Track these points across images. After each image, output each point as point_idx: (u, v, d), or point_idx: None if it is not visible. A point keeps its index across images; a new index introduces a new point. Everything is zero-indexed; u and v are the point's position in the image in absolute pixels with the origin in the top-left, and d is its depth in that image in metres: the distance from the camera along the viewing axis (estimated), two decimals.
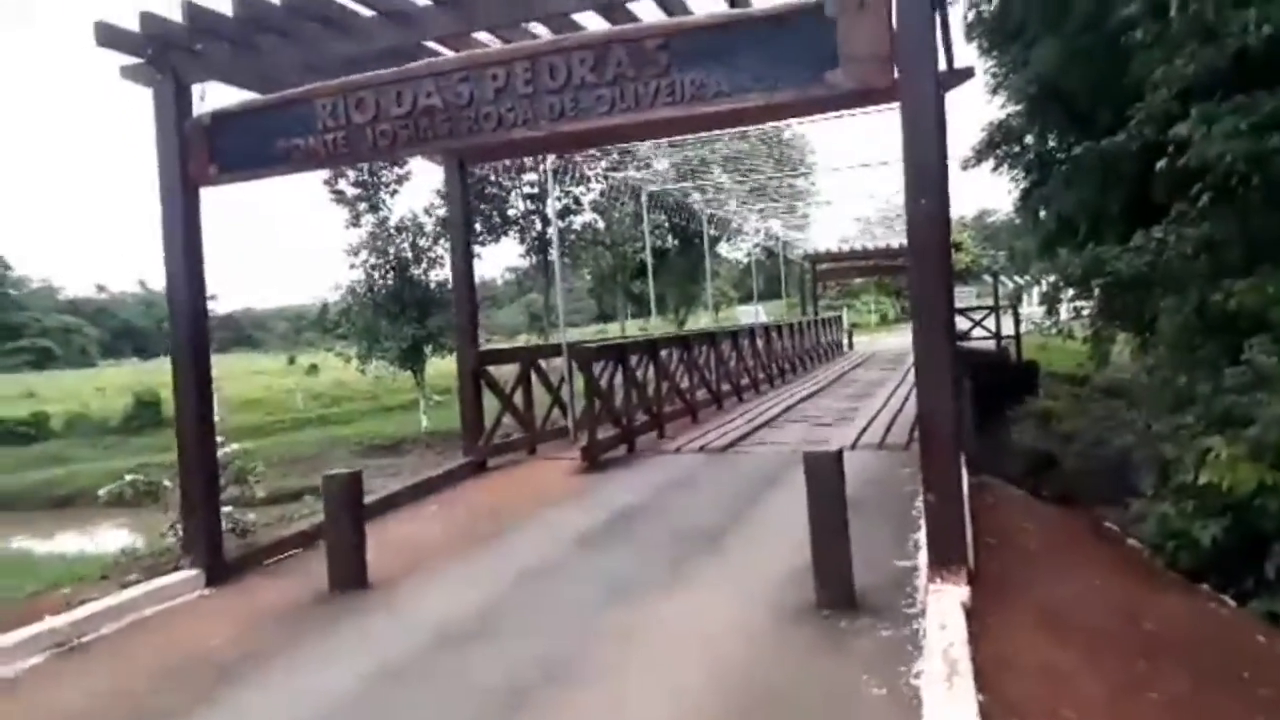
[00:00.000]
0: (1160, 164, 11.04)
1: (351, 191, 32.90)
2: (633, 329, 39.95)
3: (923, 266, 4.83)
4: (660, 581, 5.44)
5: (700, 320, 43.05)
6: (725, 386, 14.45)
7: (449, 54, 6.36)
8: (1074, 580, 5.11)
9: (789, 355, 20.27)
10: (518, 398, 10.12)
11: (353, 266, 30.98)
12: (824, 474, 4.64)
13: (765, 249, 42.22)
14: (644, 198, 19.24)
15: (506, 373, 10.40)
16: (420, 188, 45.11)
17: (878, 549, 5.55)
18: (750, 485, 7.81)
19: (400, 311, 30.45)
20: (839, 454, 4.75)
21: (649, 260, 19.38)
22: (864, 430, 10.27)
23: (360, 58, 6.26)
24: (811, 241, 36.80)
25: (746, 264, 43.99)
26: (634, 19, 5.99)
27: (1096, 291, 19.69)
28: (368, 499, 8.29)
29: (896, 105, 5.01)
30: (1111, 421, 22.13)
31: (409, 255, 30.85)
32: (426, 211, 33.60)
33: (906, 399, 13.64)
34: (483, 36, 6.72)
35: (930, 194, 4.67)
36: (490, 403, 9.69)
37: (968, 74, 7.87)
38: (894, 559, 5.45)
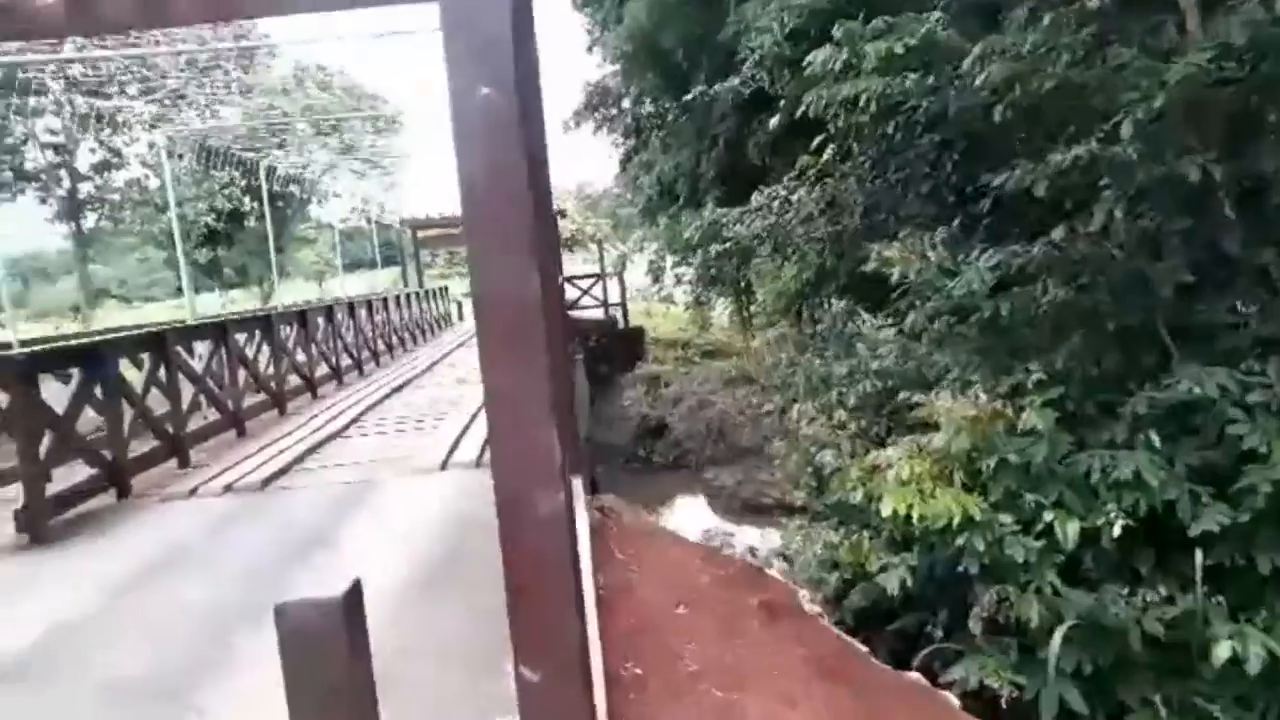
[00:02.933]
0: (775, 121, 10.01)
1: None
2: (213, 305, 34.27)
3: (488, 206, 2.48)
4: None
5: (297, 292, 38.40)
6: (295, 381, 11.53)
7: None
8: None
9: (385, 334, 17.58)
10: None
11: None
12: (312, 657, 2.25)
13: (364, 214, 38.58)
14: (161, 141, 15.28)
15: None
16: None
17: (466, 686, 3.37)
18: (283, 556, 5.23)
19: None
20: (351, 599, 2.40)
21: (176, 224, 15.46)
22: (460, 438, 8.07)
23: None
24: (413, 207, 33.97)
25: (347, 230, 39.94)
26: None
27: (698, 258, 19.36)
28: None
29: None
30: (712, 384, 22.28)
31: None
32: None
33: None
34: None
35: (500, 78, 2.41)
36: None
37: None
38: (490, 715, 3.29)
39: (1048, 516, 4.34)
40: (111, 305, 45.45)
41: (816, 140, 8.10)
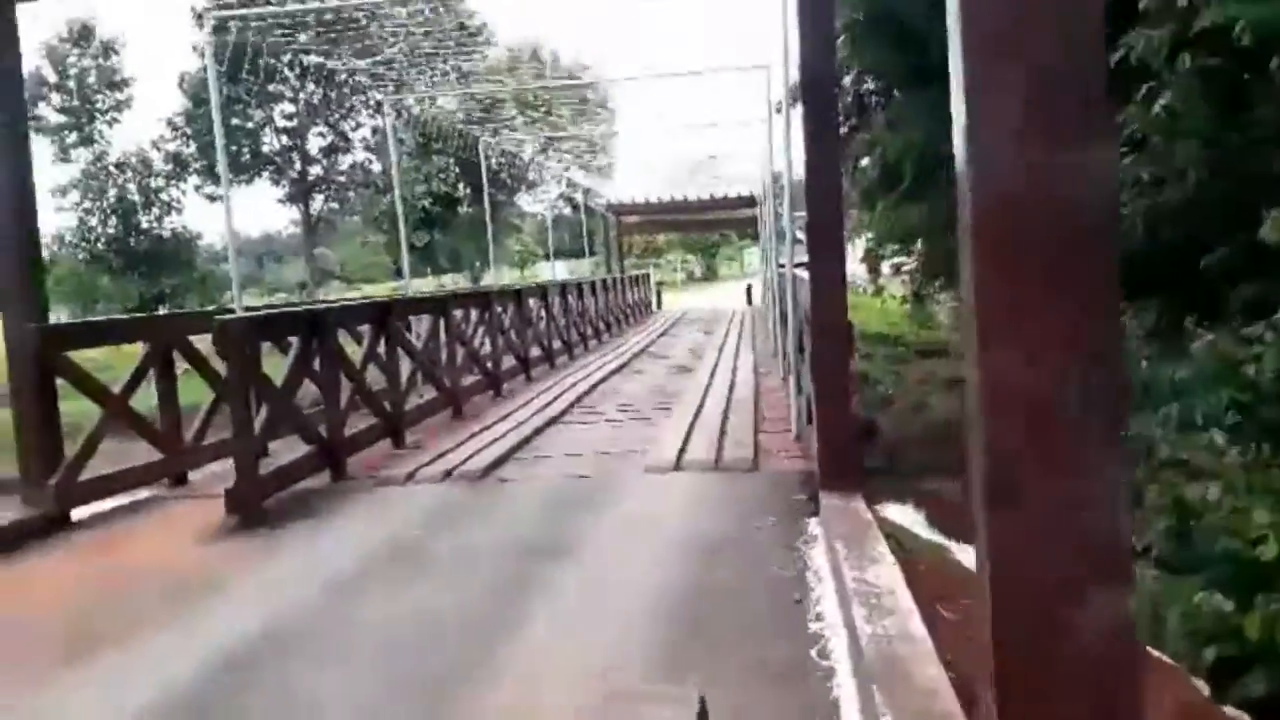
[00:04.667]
0: None
1: (56, 118, 27.06)
2: (427, 289, 35.43)
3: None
4: None
5: (503, 278, 39.27)
6: (510, 362, 11.04)
7: None
8: None
9: (592, 318, 17.11)
10: (148, 399, 6.29)
11: (60, 210, 25.44)
12: None
13: (568, 199, 38.84)
14: (387, 116, 15.15)
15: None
16: (147, 116, 38.51)
17: None
18: (516, 562, 4.42)
19: (126, 266, 25.30)
20: None
21: (400, 205, 15.19)
22: (689, 433, 7.13)
23: None
24: (615, 193, 33.73)
25: (551, 218, 40.41)
26: None
27: (919, 246, 17.61)
28: None
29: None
30: (929, 386, 20.46)
31: (135, 198, 25.61)
32: (155, 145, 28.10)
33: (735, 374, 10.75)
34: None
35: None
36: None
37: None
38: None
39: None
40: (335, 286, 48.37)
41: (1144, 89, 6.58)
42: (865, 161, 21.37)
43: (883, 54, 18.28)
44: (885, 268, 23.38)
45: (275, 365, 6.46)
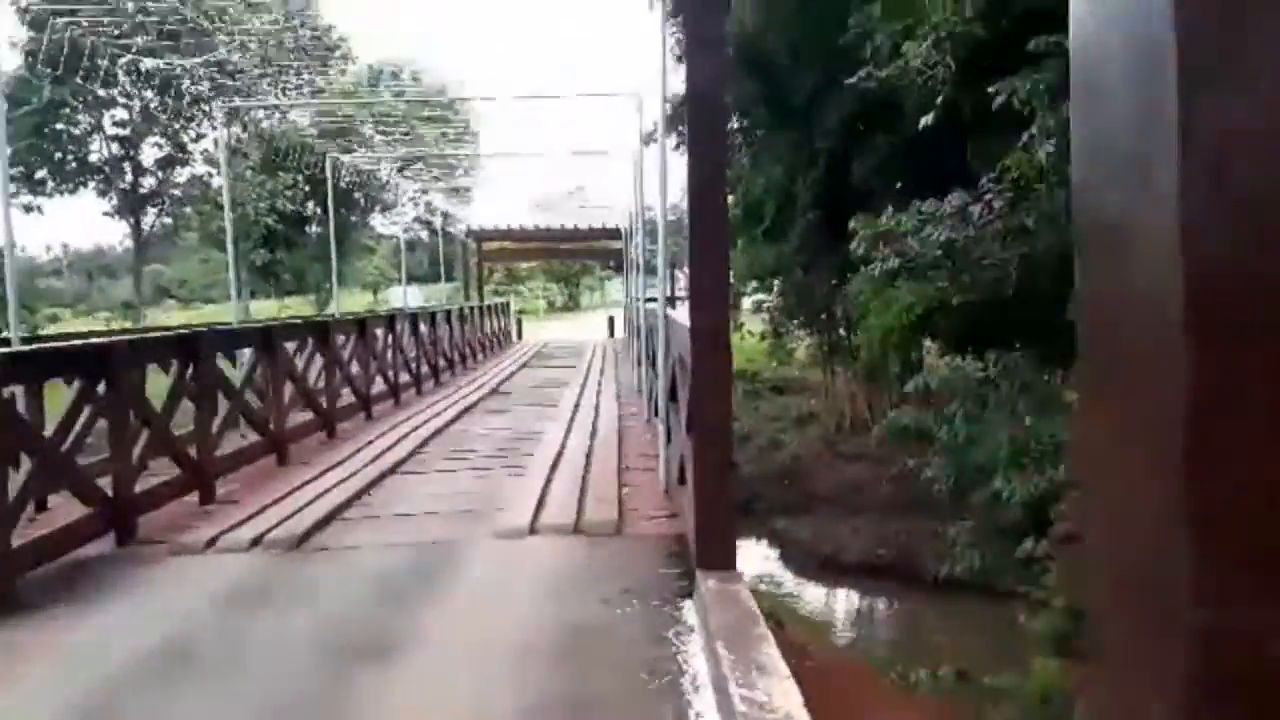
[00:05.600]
0: (927, 118, 8.38)
1: None
2: (269, 311, 33.18)
3: None
4: None
5: (352, 303, 37.39)
6: (346, 399, 10.01)
7: None
8: None
9: (446, 350, 16.10)
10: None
11: None
12: None
13: (426, 223, 37.51)
14: (220, 126, 13.91)
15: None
16: None
17: None
18: (318, 675, 3.57)
19: None
20: None
21: (229, 220, 13.79)
22: (545, 488, 6.40)
23: None
24: (476, 219, 32.73)
25: (407, 240, 38.90)
26: None
27: (777, 285, 17.57)
28: None
29: None
30: (783, 423, 20.41)
31: None
32: None
33: (597, 413, 10.11)
34: None
35: None
36: None
37: None
38: None
39: None
40: (171, 305, 44.98)
41: (1025, 135, 6.37)
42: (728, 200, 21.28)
43: (747, 90, 18.19)
44: (746, 304, 23.44)
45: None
